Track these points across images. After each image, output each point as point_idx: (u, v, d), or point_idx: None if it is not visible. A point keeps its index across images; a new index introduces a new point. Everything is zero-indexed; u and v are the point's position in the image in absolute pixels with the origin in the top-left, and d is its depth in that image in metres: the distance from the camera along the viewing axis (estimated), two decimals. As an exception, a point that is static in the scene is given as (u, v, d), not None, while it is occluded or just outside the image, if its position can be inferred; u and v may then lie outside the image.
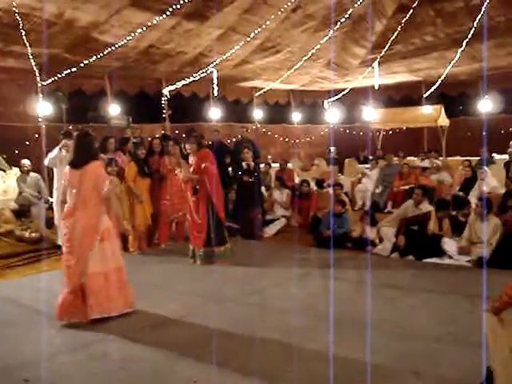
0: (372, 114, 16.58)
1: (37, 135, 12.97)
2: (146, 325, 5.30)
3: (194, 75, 14.28)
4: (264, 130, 18.64)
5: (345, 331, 4.84)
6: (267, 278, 6.94)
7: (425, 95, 16.63)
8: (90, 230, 5.40)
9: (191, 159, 7.87)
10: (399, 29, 13.56)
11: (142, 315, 5.56)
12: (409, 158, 15.07)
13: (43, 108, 12.34)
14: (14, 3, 9.92)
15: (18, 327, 5.36)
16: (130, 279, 6.82)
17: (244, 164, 9.87)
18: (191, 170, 7.78)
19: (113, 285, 5.48)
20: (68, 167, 5.65)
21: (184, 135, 11.07)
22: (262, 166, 12.88)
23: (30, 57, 11.59)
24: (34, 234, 9.46)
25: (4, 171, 11.68)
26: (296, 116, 19.86)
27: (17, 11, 10.12)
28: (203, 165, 7.67)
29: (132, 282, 5.76)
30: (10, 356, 4.64)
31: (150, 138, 11.08)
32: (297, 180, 13.27)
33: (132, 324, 5.33)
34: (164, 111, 15.52)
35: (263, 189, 11.83)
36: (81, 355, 4.62)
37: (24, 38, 10.82)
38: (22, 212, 10.06)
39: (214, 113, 16.66)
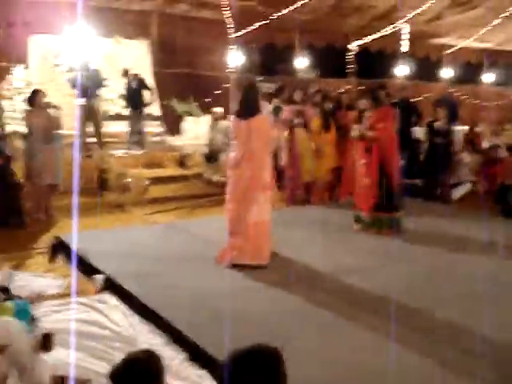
0: None
1: (226, 85, 13.56)
2: (325, 272, 5.46)
3: (383, 30, 13.93)
4: (452, 90, 17.73)
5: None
6: (448, 242, 6.67)
7: None
8: (255, 181, 5.52)
9: (368, 116, 7.22)
10: None
11: (318, 264, 5.67)
12: None
13: (235, 59, 12.80)
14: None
15: (204, 262, 5.70)
16: (307, 229, 6.93)
17: (435, 124, 9.50)
18: (365, 127, 7.16)
19: (262, 235, 5.59)
20: (233, 118, 5.75)
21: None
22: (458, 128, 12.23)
23: (225, 8, 12.05)
24: (221, 178, 9.98)
25: (197, 117, 12.43)
26: (488, 77, 18.62)
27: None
28: (380, 125, 7.01)
29: (308, 231, 6.05)
30: (200, 287, 5.00)
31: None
32: (485, 144, 12.53)
33: (311, 271, 5.50)
34: (350, 66, 15.39)
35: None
36: (266, 294, 4.90)
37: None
38: (211, 157, 10.67)
39: (401, 70, 16.09)
